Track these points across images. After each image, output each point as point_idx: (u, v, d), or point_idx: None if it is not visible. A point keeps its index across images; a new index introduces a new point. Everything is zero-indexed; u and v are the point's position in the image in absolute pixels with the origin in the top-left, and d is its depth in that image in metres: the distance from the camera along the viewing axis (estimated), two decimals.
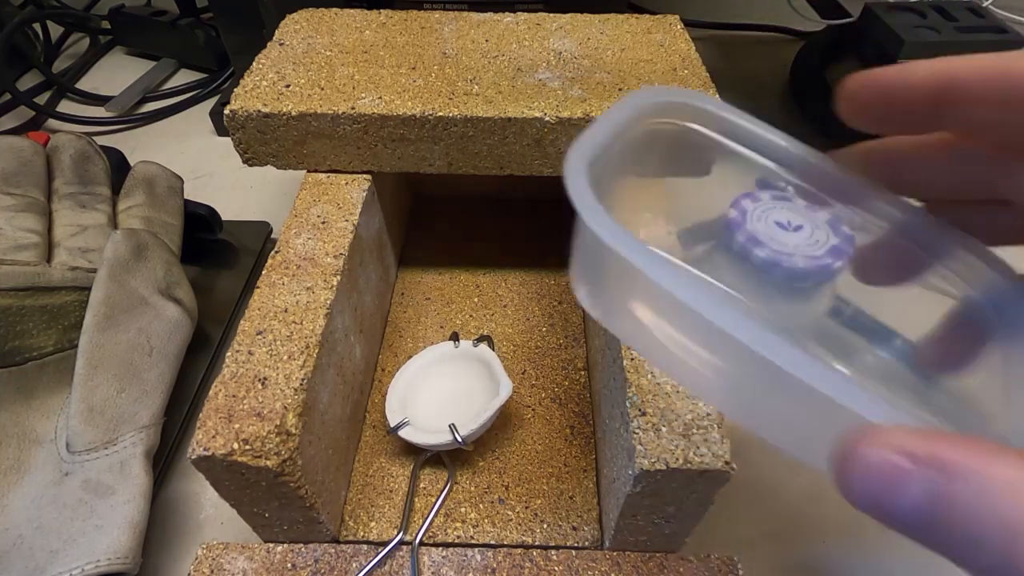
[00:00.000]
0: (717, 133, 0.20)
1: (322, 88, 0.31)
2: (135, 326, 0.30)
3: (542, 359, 0.35)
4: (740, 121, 0.20)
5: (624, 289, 0.17)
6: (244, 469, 0.21)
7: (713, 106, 0.20)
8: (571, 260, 0.18)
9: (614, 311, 0.18)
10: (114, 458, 0.27)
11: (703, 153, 0.21)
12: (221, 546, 0.26)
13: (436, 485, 0.29)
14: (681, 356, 0.16)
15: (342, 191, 0.31)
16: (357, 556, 0.26)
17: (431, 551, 0.26)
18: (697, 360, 0.16)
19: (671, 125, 0.20)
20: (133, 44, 0.64)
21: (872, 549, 0.29)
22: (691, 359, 0.16)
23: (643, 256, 0.14)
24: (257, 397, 0.22)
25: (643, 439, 0.22)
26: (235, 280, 0.39)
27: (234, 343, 0.24)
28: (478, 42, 0.35)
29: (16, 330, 0.30)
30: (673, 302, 0.14)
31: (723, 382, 0.16)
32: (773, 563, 0.29)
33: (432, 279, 0.39)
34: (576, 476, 0.30)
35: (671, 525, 0.24)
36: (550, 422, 0.32)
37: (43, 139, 0.36)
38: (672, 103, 0.20)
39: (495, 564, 0.26)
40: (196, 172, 0.48)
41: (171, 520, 0.30)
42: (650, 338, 0.17)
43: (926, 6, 0.46)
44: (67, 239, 0.33)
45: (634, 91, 0.20)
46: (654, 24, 0.37)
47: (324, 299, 0.26)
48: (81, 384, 0.28)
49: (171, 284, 0.33)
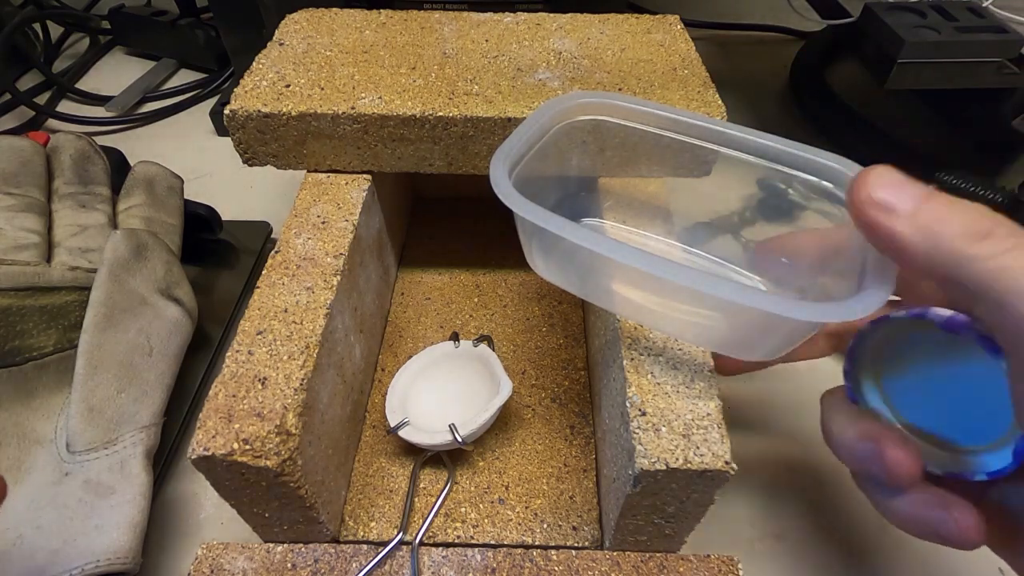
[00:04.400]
0: (624, 120, 0.25)
1: (322, 88, 0.31)
2: (135, 326, 0.30)
3: (542, 359, 0.35)
4: (643, 108, 0.25)
5: (553, 250, 0.24)
6: (244, 469, 0.21)
7: (618, 100, 0.25)
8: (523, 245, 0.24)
9: (552, 270, 0.24)
10: (114, 458, 0.27)
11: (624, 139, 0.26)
12: (221, 546, 0.26)
13: (436, 485, 0.29)
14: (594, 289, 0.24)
15: (342, 191, 0.31)
16: (357, 556, 0.26)
17: (431, 551, 0.26)
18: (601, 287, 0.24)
19: (586, 120, 0.26)
20: (133, 44, 0.64)
21: (872, 549, 0.29)
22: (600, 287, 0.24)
23: (549, 219, 0.20)
24: (257, 397, 0.22)
25: (643, 439, 0.22)
26: (235, 280, 0.39)
27: (234, 343, 0.24)
28: (478, 42, 0.35)
29: (16, 330, 0.30)
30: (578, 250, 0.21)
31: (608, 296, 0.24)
32: (773, 563, 0.29)
33: (432, 279, 0.39)
34: (576, 476, 0.30)
35: (671, 525, 0.24)
36: (550, 422, 0.32)
37: (43, 139, 0.36)
38: (585, 103, 0.25)
39: (495, 564, 0.26)
40: (196, 172, 0.48)
41: (171, 520, 0.30)
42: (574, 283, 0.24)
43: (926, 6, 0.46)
44: (67, 239, 0.33)
45: (549, 99, 0.25)
46: (654, 24, 0.37)
47: (324, 299, 0.26)
48: (81, 384, 0.28)
49: (171, 284, 0.33)
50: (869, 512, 0.30)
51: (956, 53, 0.43)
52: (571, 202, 0.28)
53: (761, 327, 0.21)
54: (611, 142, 0.26)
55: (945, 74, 0.43)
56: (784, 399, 0.35)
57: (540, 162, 0.24)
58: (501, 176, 0.21)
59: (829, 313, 0.18)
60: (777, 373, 0.35)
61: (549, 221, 0.20)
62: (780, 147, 0.23)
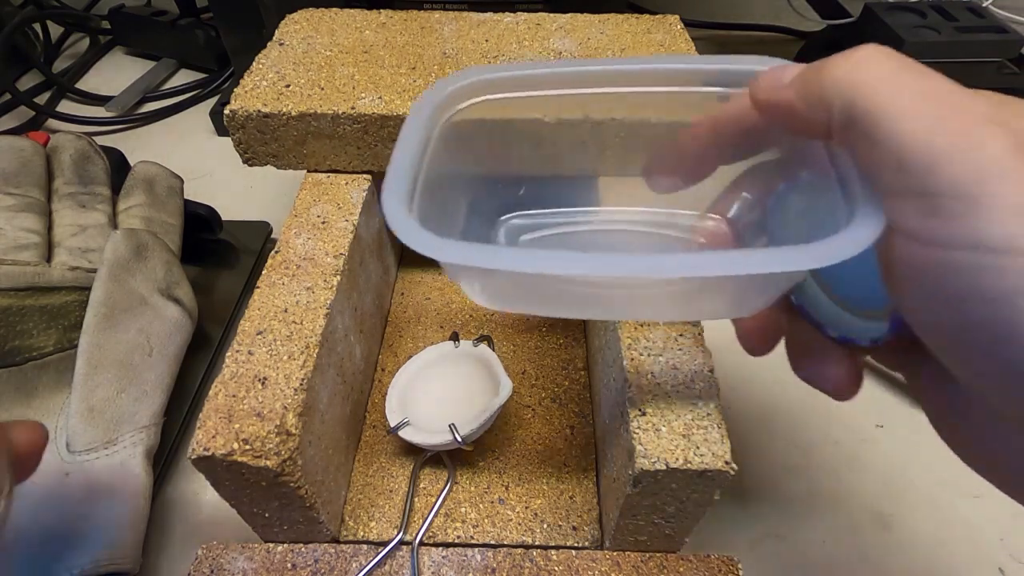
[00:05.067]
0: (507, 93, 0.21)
1: (322, 88, 0.31)
2: (135, 326, 0.30)
3: (542, 359, 0.35)
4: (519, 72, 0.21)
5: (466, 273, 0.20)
6: (244, 469, 0.21)
7: (490, 72, 0.21)
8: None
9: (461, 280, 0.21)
10: (114, 458, 0.27)
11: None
12: (221, 546, 0.26)
13: (436, 485, 0.29)
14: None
15: (342, 191, 0.31)
16: (357, 556, 0.26)
17: (431, 551, 0.26)
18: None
19: (467, 109, 0.21)
20: (133, 44, 0.64)
21: (872, 549, 0.29)
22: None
23: (477, 253, 0.17)
24: (257, 397, 0.22)
25: (643, 439, 0.22)
26: (235, 280, 0.39)
27: (234, 343, 0.24)
28: (478, 42, 0.35)
29: (16, 330, 0.30)
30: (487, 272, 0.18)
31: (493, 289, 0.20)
32: (773, 563, 0.29)
33: (432, 279, 0.39)
34: (576, 476, 0.30)
35: (671, 525, 0.24)
36: (550, 422, 0.32)
37: (43, 139, 0.36)
38: (455, 91, 0.21)
39: (495, 564, 0.26)
40: (196, 172, 0.48)
41: (171, 520, 0.30)
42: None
43: (926, 6, 0.46)
44: (67, 239, 0.33)
45: (415, 101, 0.21)
46: (654, 24, 0.37)
47: (324, 299, 0.26)
48: (81, 384, 0.28)
49: (171, 284, 0.33)
50: (869, 512, 0.30)
51: (956, 53, 0.43)
52: (495, 200, 0.25)
53: (717, 287, 0.19)
54: (506, 129, 0.23)
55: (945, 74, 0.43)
56: (784, 399, 0.35)
57: (438, 178, 0.21)
58: (400, 219, 0.17)
59: (800, 259, 0.15)
60: (777, 373, 0.35)
61: (478, 255, 0.17)
62: (697, 66, 0.20)
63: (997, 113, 0.13)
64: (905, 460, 0.32)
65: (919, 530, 0.30)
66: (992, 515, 0.30)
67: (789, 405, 0.34)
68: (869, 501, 0.30)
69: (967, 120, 0.13)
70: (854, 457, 0.32)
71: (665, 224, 0.25)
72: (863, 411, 0.34)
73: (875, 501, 0.30)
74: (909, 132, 0.13)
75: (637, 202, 0.25)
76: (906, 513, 0.30)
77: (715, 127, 0.20)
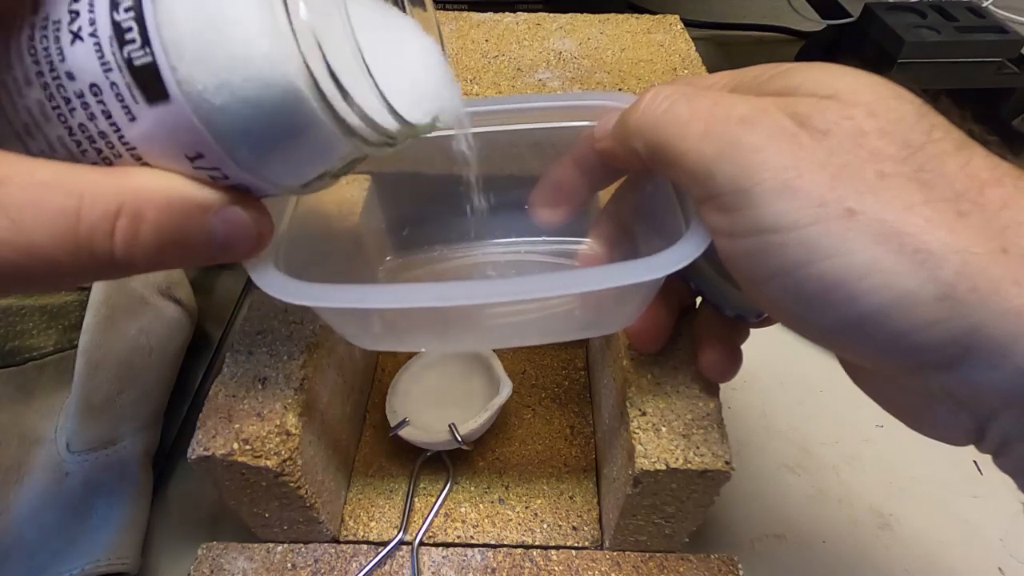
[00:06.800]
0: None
1: None
2: (135, 326, 0.30)
3: (542, 359, 0.35)
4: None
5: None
6: (244, 469, 0.21)
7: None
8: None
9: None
10: (114, 458, 0.27)
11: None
12: (221, 546, 0.26)
13: (436, 485, 0.29)
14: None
15: (342, 191, 0.31)
16: (357, 556, 0.26)
17: (431, 551, 0.26)
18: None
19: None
20: None
21: (872, 549, 0.29)
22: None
23: (357, 295, 0.17)
24: (257, 397, 0.22)
25: (643, 439, 0.22)
26: (235, 280, 0.39)
27: (234, 343, 0.24)
28: (478, 42, 0.35)
29: (16, 330, 0.30)
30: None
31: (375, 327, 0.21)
32: (773, 563, 0.29)
33: None
34: (576, 476, 0.30)
35: (671, 525, 0.24)
36: (550, 422, 0.32)
37: None
38: None
39: (495, 564, 0.26)
40: None
41: (171, 520, 0.30)
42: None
43: (926, 6, 0.46)
44: None
45: None
46: (654, 24, 0.37)
47: None
48: (81, 384, 0.28)
49: (171, 284, 0.33)
50: (869, 512, 0.30)
51: (956, 53, 0.43)
52: (378, 241, 0.25)
53: (595, 304, 0.20)
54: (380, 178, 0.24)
55: (945, 74, 0.43)
56: (784, 399, 0.35)
57: (319, 226, 0.21)
58: (267, 274, 0.17)
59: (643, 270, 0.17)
60: (777, 373, 0.35)
61: (362, 297, 0.17)
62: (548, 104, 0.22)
63: (754, 108, 0.15)
64: (905, 460, 0.32)
65: (919, 530, 0.29)
66: (992, 515, 0.30)
67: (789, 405, 0.34)
68: (869, 501, 0.30)
69: (727, 126, 0.15)
70: (854, 457, 0.32)
71: (551, 252, 0.26)
72: (863, 411, 0.34)
73: (875, 501, 0.30)
74: (687, 151, 0.16)
75: (527, 232, 0.26)
76: (906, 513, 0.30)
77: (576, 161, 0.22)
